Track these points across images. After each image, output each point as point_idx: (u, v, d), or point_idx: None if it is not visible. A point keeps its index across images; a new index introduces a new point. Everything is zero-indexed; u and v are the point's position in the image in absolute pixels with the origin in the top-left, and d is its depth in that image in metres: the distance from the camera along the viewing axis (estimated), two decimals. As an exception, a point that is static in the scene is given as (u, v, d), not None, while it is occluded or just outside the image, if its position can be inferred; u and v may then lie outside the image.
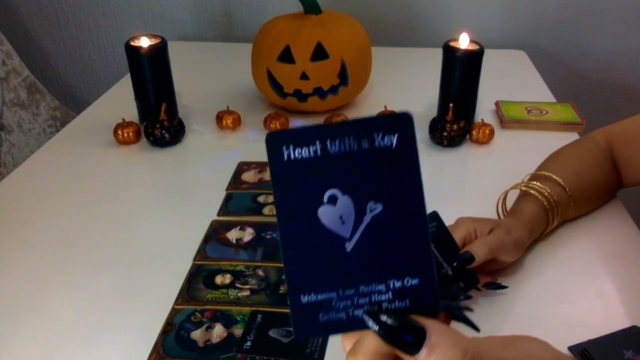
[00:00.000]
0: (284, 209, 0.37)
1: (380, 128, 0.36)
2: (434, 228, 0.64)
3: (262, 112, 1.09)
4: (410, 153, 0.37)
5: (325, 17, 1.08)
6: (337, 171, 0.37)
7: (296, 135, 0.36)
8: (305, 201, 0.37)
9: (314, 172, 0.37)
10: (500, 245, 0.65)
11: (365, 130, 0.36)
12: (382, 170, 0.37)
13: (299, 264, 0.37)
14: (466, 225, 0.66)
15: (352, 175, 0.37)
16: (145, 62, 1.02)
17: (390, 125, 0.36)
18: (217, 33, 1.56)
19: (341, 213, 0.37)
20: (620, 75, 1.49)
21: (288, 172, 0.36)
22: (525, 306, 0.66)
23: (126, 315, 0.66)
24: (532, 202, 0.72)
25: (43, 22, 1.59)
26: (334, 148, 0.37)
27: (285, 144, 0.36)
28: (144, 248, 0.77)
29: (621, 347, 0.57)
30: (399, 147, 0.37)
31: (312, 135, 0.36)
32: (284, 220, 0.37)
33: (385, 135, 0.36)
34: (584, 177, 0.77)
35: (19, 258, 0.76)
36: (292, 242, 0.37)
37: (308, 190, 0.37)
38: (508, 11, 1.45)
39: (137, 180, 0.94)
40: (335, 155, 0.37)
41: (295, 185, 0.37)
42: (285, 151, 0.36)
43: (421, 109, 1.11)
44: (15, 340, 0.63)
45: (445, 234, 0.65)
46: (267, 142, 0.36)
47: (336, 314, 0.37)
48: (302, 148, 0.36)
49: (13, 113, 1.38)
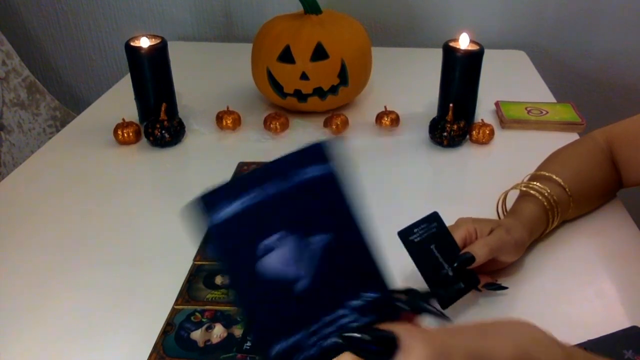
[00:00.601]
0: (232, 275, 0.37)
1: (304, 161, 0.37)
2: (434, 229, 0.64)
3: (262, 112, 1.09)
4: (338, 178, 0.38)
5: (325, 17, 1.08)
6: (275, 215, 0.37)
7: (227, 189, 0.37)
8: (245, 260, 0.36)
9: (249, 224, 0.36)
10: (501, 245, 0.65)
11: (290, 166, 0.37)
12: (318, 202, 0.38)
13: (259, 322, 0.37)
14: (466, 226, 0.66)
15: (290, 214, 0.37)
16: (145, 62, 1.02)
17: (312, 157, 0.37)
18: (217, 33, 1.56)
19: (288, 256, 0.37)
20: (620, 75, 1.49)
21: (227, 232, 0.36)
22: (525, 306, 0.66)
23: (126, 315, 0.66)
24: (532, 203, 0.72)
25: (43, 22, 1.59)
26: (267, 191, 0.37)
27: (224, 200, 0.37)
28: (144, 248, 0.77)
29: (621, 347, 0.57)
30: (327, 176, 0.38)
31: (241, 186, 0.37)
32: (234, 285, 0.36)
33: (310, 167, 0.37)
34: (584, 177, 0.77)
35: (19, 258, 0.76)
36: (245, 304, 0.37)
37: (245, 247, 0.36)
38: (508, 11, 1.45)
39: (137, 180, 0.94)
40: (269, 200, 0.37)
41: (233, 245, 0.37)
42: (224, 209, 0.37)
43: (421, 109, 1.11)
44: (15, 340, 0.63)
45: (446, 235, 0.65)
46: (203, 204, 0.36)
47: (309, 351, 0.37)
48: (235, 201, 0.37)
49: (13, 113, 1.38)
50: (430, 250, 0.64)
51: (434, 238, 0.64)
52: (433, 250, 0.64)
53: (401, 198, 0.87)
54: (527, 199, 0.73)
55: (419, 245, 0.63)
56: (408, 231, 0.63)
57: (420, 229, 0.64)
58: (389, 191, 0.88)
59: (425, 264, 0.63)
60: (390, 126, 1.04)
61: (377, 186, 0.89)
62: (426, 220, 0.64)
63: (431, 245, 0.64)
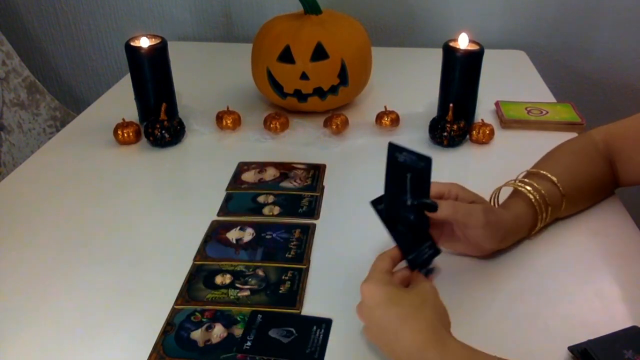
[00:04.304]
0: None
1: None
2: (421, 167, 0.62)
3: (262, 112, 1.09)
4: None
5: (325, 17, 1.08)
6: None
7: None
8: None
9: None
10: (468, 213, 0.65)
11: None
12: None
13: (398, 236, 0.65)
14: (450, 187, 0.68)
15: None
16: (145, 62, 1.02)
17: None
18: (217, 33, 1.56)
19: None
20: (620, 75, 1.49)
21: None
22: (525, 306, 0.66)
23: (126, 315, 0.66)
24: (521, 199, 0.73)
25: (43, 22, 1.59)
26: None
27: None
28: (144, 248, 0.77)
29: (621, 347, 0.57)
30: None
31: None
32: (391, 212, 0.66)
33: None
34: (576, 173, 0.77)
35: (19, 258, 0.76)
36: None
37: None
38: (508, 11, 1.45)
39: (137, 180, 0.94)
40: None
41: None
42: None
43: (421, 109, 1.11)
44: (15, 340, 0.63)
45: (426, 179, 0.63)
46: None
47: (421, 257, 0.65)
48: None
49: (13, 113, 1.38)
50: (405, 176, 0.63)
51: (414, 172, 0.63)
52: (407, 177, 0.63)
53: (401, 198, 0.87)
54: (517, 196, 0.74)
55: (399, 166, 0.62)
56: (399, 148, 0.62)
57: (409, 155, 0.62)
58: (389, 191, 0.88)
59: (394, 181, 0.63)
60: (390, 126, 1.04)
61: (377, 186, 0.89)
62: (419, 156, 0.62)
63: (408, 173, 0.63)
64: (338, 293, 0.68)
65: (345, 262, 0.73)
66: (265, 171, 0.93)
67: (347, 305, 0.62)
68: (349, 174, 0.93)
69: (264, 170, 0.93)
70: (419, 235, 0.65)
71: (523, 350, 0.60)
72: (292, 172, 0.93)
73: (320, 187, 0.89)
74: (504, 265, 0.72)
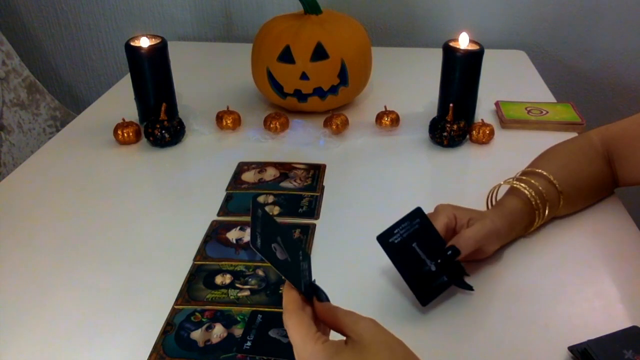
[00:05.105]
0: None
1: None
2: (417, 225, 0.65)
3: (262, 112, 1.09)
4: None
5: (325, 17, 1.08)
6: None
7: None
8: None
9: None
10: (486, 235, 0.67)
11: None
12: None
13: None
14: (446, 212, 0.68)
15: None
16: (145, 62, 1.02)
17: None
18: (217, 33, 1.56)
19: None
20: (620, 75, 1.49)
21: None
22: (525, 306, 0.66)
23: (126, 315, 0.66)
24: (517, 197, 0.73)
25: (43, 22, 1.59)
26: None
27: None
28: (144, 248, 0.77)
29: (621, 347, 0.57)
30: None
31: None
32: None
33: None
34: (573, 172, 0.77)
35: (19, 258, 0.76)
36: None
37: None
38: (508, 11, 1.45)
39: (137, 180, 0.94)
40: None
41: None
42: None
43: (421, 109, 1.11)
44: (15, 340, 0.63)
45: (429, 229, 0.65)
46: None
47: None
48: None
49: (13, 113, 1.38)
50: (413, 249, 0.64)
51: (416, 235, 0.64)
52: (415, 248, 0.64)
53: (401, 198, 0.87)
54: (513, 194, 0.74)
55: (400, 246, 0.64)
56: (388, 233, 0.64)
57: (402, 229, 0.64)
58: (388, 191, 0.88)
59: (407, 264, 0.64)
60: (390, 126, 1.04)
61: (377, 186, 0.90)
62: (408, 218, 0.65)
63: (413, 243, 0.64)
64: (338, 293, 0.68)
65: (345, 262, 0.73)
66: (265, 171, 0.93)
67: (347, 306, 0.61)
68: (348, 174, 0.93)
69: (264, 170, 0.93)
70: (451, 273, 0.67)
71: (523, 351, 0.60)
72: (292, 172, 0.93)
73: (320, 187, 0.89)
74: (504, 265, 0.72)
